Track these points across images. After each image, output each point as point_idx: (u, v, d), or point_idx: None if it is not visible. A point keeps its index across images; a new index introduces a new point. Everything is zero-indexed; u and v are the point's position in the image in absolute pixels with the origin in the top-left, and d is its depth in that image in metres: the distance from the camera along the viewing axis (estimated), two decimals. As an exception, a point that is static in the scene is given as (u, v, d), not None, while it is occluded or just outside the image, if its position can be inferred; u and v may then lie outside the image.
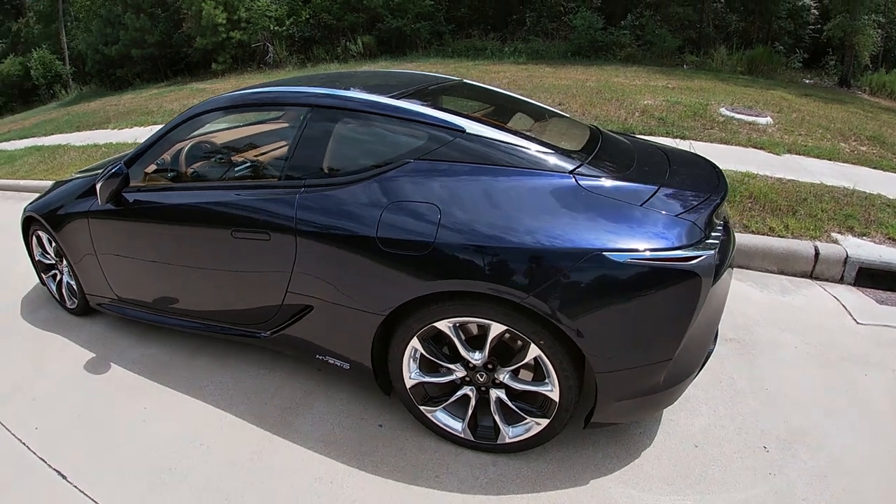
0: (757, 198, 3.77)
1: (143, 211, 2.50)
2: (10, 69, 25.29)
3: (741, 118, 5.90)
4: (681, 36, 12.04)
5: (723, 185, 1.97)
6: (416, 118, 1.93)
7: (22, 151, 9.52)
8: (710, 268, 1.58)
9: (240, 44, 15.08)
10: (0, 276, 4.18)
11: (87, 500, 1.96)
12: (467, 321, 1.78)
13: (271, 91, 2.36)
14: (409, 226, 1.77)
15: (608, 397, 1.70)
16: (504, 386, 1.84)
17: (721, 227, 1.85)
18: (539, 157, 1.80)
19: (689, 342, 1.65)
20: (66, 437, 2.30)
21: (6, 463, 2.19)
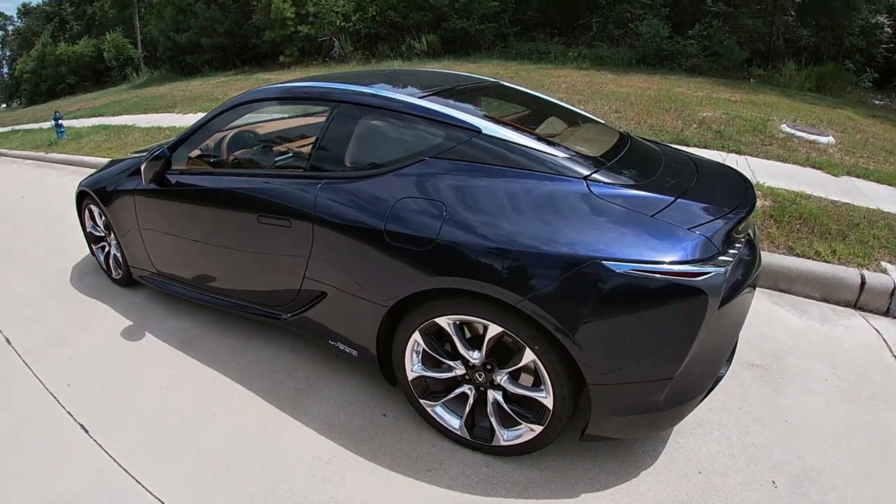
0: (807, 219, 3.56)
1: (182, 192, 2.66)
2: (83, 50, 27.21)
3: (802, 136, 5.57)
4: (749, 48, 11.51)
5: (749, 200, 1.88)
6: (433, 117, 1.96)
7: (89, 129, 10.25)
8: (717, 286, 1.50)
9: (307, 37, 15.58)
10: (57, 244, 4.57)
11: (102, 454, 2.13)
12: (466, 319, 1.79)
13: (302, 86, 2.44)
14: (414, 221, 1.80)
15: (602, 411, 1.66)
16: (501, 388, 1.83)
17: (743, 245, 1.77)
18: (554, 161, 1.77)
19: (693, 362, 1.59)
20: (94, 396, 2.50)
21: (37, 414, 2.40)
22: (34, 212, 5.82)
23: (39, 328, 3.17)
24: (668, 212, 1.64)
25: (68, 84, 27.81)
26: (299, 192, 2.13)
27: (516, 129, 1.89)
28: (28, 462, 2.11)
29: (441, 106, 1.99)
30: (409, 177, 1.89)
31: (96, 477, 2.01)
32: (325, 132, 2.18)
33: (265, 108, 2.66)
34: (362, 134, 2.13)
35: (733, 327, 1.80)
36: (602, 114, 6.65)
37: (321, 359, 2.62)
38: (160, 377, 2.59)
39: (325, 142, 2.18)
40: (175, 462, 2.05)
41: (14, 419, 2.38)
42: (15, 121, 18.24)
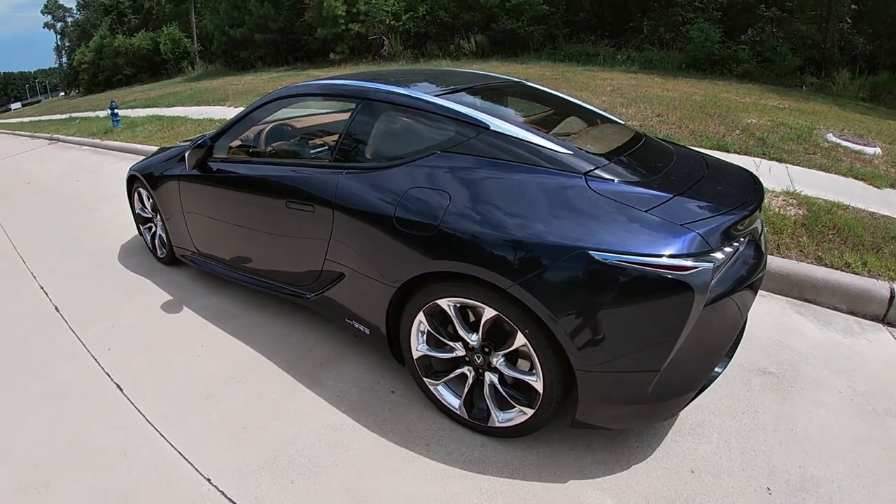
0: (840, 230, 3.45)
1: (221, 178, 2.88)
2: (140, 43, 28.57)
3: (847, 146, 5.34)
4: (802, 55, 11.04)
5: (752, 201, 1.88)
6: (446, 114, 2.08)
7: (144, 119, 10.86)
8: (703, 282, 1.53)
9: (357, 35, 15.96)
10: (108, 225, 4.96)
11: (133, 410, 2.36)
12: (465, 302, 1.88)
13: (331, 83, 2.62)
14: (420, 209, 1.92)
15: (589, 398, 1.71)
16: (497, 371, 1.91)
17: (743, 244, 1.78)
18: (557, 157, 1.85)
19: (682, 357, 1.62)
20: (131, 360, 2.75)
21: (78, 373, 2.67)
22: (88, 194, 6.28)
23: (87, 299, 3.48)
24: (664, 208, 1.68)
25: (125, 75, 29.30)
26: (323, 181, 2.29)
27: (524, 127, 1.98)
28: (66, 414, 2.36)
29: (454, 103, 2.10)
30: (420, 168, 2.02)
31: (125, 430, 2.23)
32: (350, 126, 2.34)
33: (298, 104, 2.84)
34: (382, 128, 2.29)
35: (728, 326, 1.81)
36: (644, 117, 6.57)
37: (340, 338, 2.78)
38: (193, 347, 2.81)
39: (348, 135, 2.34)
40: (197, 421, 2.25)
41: (58, 376, 2.65)
42: (73, 109, 19.47)
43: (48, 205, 6.10)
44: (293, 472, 1.95)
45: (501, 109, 2.37)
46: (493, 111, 2.12)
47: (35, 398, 2.49)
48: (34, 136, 12.95)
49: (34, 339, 3.05)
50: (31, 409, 2.41)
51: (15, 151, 11.17)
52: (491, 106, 2.30)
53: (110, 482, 1.95)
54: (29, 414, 2.38)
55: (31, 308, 3.44)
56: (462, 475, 1.90)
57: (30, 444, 2.18)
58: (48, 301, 3.52)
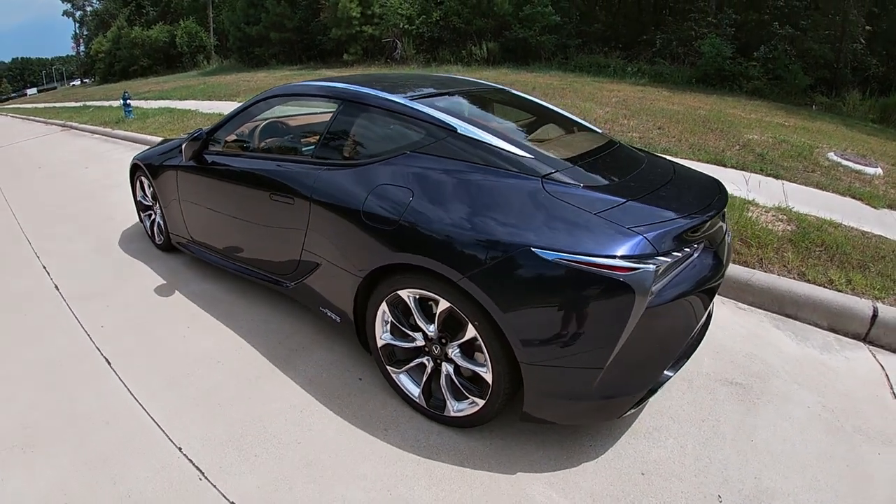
0: (829, 247, 3.45)
1: (214, 170, 2.99)
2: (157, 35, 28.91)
3: (848, 165, 5.33)
4: (814, 75, 10.98)
5: (711, 208, 1.92)
6: (418, 116, 2.18)
7: (155, 111, 11.05)
8: (644, 284, 1.57)
9: (371, 38, 16.12)
10: (112, 211, 5.10)
11: (119, 382, 2.48)
12: (423, 294, 1.95)
13: (315, 85, 2.73)
14: (385, 204, 2.02)
15: (534, 391, 1.76)
16: (453, 361, 1.98)
17: (698, 250, 1.81)
18: (518, 160, 1.92)
19: (628, 358, 1.66)
20: (122, 338, 2.87)
21: (70, 348, 2.80)
22: (95, 181, 6.44)
23: (85, 280, 3.61)
24: (614, 211, 1.73)
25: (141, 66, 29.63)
26: (303, 176, 2.41)
27: (489, 131, 2.06)
28: (57, 383, 2.49)
29: (426, 107, 2.20)
30: (389, 167, 2.12)
31: (109, 400, 2.36)
32: (330, 126, 2.46)
33: (293, 103, 2.97)
34: (359, 129, 2.41)
35: (679, 330, 1.84)
36: (645, 129, 6.60)
37: (317, 325, 2.87)
38: (180, 328, 2.93)
39: (328, 134, 2.46)
40: (175, 395, 2.37)
41: (52, 349, 2.78)
42: (87, 97, 19.81)
43: (57, 189, 6.27)
44: (258, 447, 2.05)
45: (472, 114, 2.45)
46: (463, 115, 2.21)
47: (30, 368, 2.63)
48: (48, 122, 13.24)
49: (33, 314, 3.17)
50: (26, 377, 2.55)
51: (28, 136, 11.44)
52: (463, 110, 2.40)
53: (91, 446, 2.08)
54: (23, 382, 2.51)
55: (33, 286, 3.57)
56: (415, 460, 1.97)
57: (22, 409, 2.32)
58: (49, 279, 3.64)
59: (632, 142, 5.93)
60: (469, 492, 1.83)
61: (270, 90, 2.92)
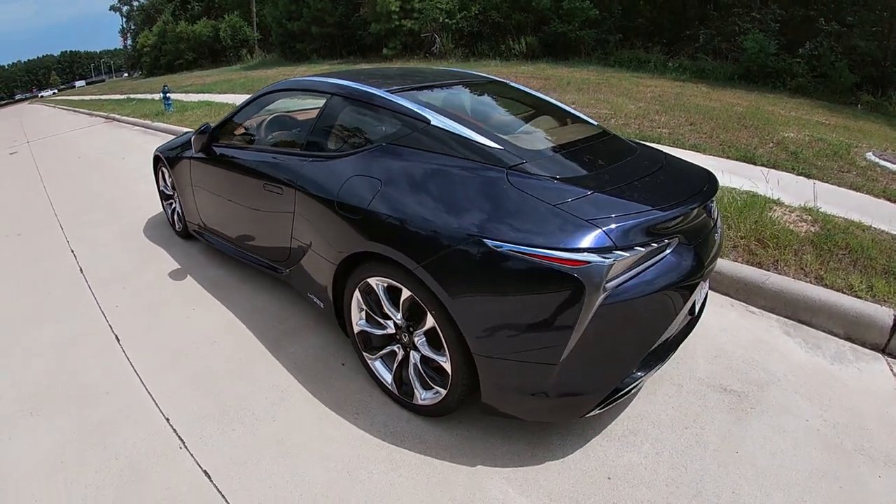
0: (853, 251, 3.23)
1: (220, 161, 3.12)
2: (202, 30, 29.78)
3: (886, 166, 4.99)
4: (860, 72, 10.35)
5: (690, 202, 1.84)
6: (395, 108, 2.20)
7: (195, 104, 11.48)
8: (596, 277, 1.51)
9: (410, 32, 16.20)
10: (141, 200, 5.38)
11: (124, 358, 2.68)
12: (389, 282, 1.96)
13: (306, 80, 2.80)
14: (355, 194, 2.06)
15: (489, 383, 1.74)
16: (419, 350, 1.98)
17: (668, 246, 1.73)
18: (487, 151, 1.90)
19: (586, 354, 1.61)
20: (133, 316, 3.08)
21: (84, 324, 3.03)
22: (130, 171, 6.78)
23: (108, 263, 3.86)
24: (577, 203, 1.67)
25: (186, 60, 30.64)
26: (291, 167, 2.48)
27: (462, 122, 2.05)
28: (69, 356, 2.73)
29: (404, 99, 2.21)
30: (364, 158, 2.15)
31: (112, 373, 2.55)
32: (318, 119, 2.52)
33: (290, 97, 3.09)
34: (342, 121, 2.46)
35: (648, 328, 1.75)
36: (675, 125, 6.39)
37: (309, 311, 2.97)
38: (186, 310, 3.09)
39: (317, 127, 2.52)
40: (175, 373, 2.52)
41: (69, 326, 3.02)
42: (132, 90, 20.70)
43: (92, 178, 6.63)
44: (236, 423, 2.16)
45: (453, 106, 2.44)
46: (440, 108, 2.19)
47: (47, 342, 2.86)
48: (92, 114, 13.96)
49: (56, 294, 3.42)
50: (42, 350, 2.79)
51: (73, 127, 12.11)
52: (442, 103, 2.39)
53: (90, 414, 2.26)
54: (39, 354, 2.76)
55: (60, 268, 3.83)
56: (379, 444, 2.01)
57: (34, 378, 2.55)
58: (75, 262, 3.89)
59: (660, 137, 5.75)
60: (426, 480, 1.84)
61: (269, 86, 3.04)
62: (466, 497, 1.78)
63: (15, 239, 4.59)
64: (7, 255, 4.24)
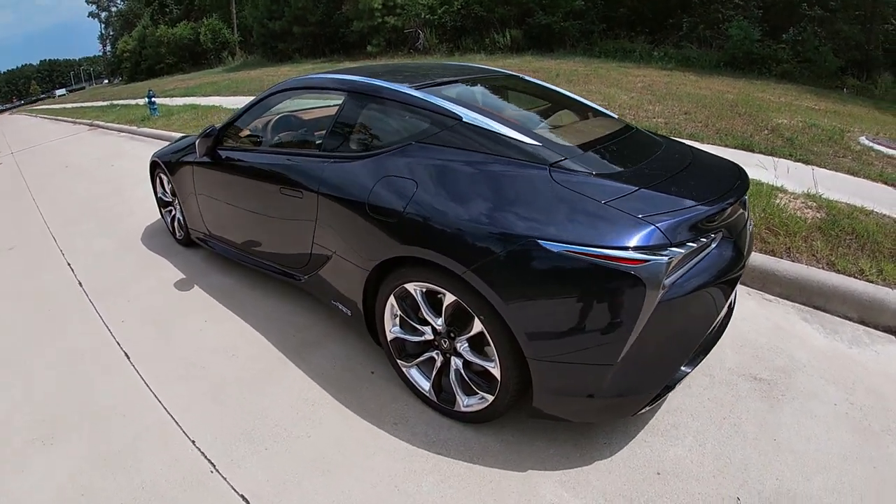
0: (860, 236, 3.28)
1: (227, 165, 3.01)
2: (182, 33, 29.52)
3: (881, 150, 5.08)
4: (844, 57, 10.52)
5: (730, 196, 1.82)
6: (423, 106, 2.12)
7: (180, 108, 11.24)
8: (655, 276, 1.49)
9: (393, 29, 16.07)
10: (135, 207, 5.23)
11: (136, 376, 2.54)
12: (429, 287, 1.91)
13: (321, 77, 2.70)
14: (389, 196, 1.98)
15: (543, 387, 1.71)
16: (462, 356, 1.93)
17: (715, 240, 1.72)
18: (525, 149, 1.85)
19: (642, 353, 1.59)
20: (140, 331, 2.94)
21: (90, 342, 2.88)
22: (120, 178, 6.61)
23: (107, 274, 3.71)
24: (625, 200, 1.64)
25: (167, 64, 30.29)
26: (311, 169, 2.39)
27: (496, 119, 1.99)
28: (77, 377, 2.56)
29: (431, 96, 2.14)
30: (394, 158, 2.08)
31: (126, 393, 2.42)
32: (337, 118, 2.44)
33: (298, 96, 2.96)
34: (364, 120, 2.37)
35: (696, 323, 1.76)
36: (671, 115, 6.42)
37: (330, 319, 2.87)
38: (196, 322, 2.97)
39: (335, 126, 2.43)
40: (190, 388, 2.41)
41: (73, 343, 2.86)
42: (114, 96, 20.31)
43: (82, 187, 6.45)
44: (268, 440, 2.06)
45: (481, 102, 2.38)
46: (469, 103, 2.13)
47: (51, 361, 2.71)
48: (76, 121, 13.64)
49: (56, 309, 3.28)
50: (47, 370, 2.63)
51: (57, 136, 11.80)
52: (470, 98, 2.33)
53: (107, 439, 2.12)
54: (44, 375, 2.60)
55: (57, 281, 3.68)
56: (424, 455, 1.94)
57: (42, 401, 2.40)
58: (73, 275, 3.76)
59: (657, 128, 5.76)
60: (478, 489, 1.79)
61: (278, 85, 2.91)
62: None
63: (7, 253, 4.44)
64: (0, 270, 4.10)
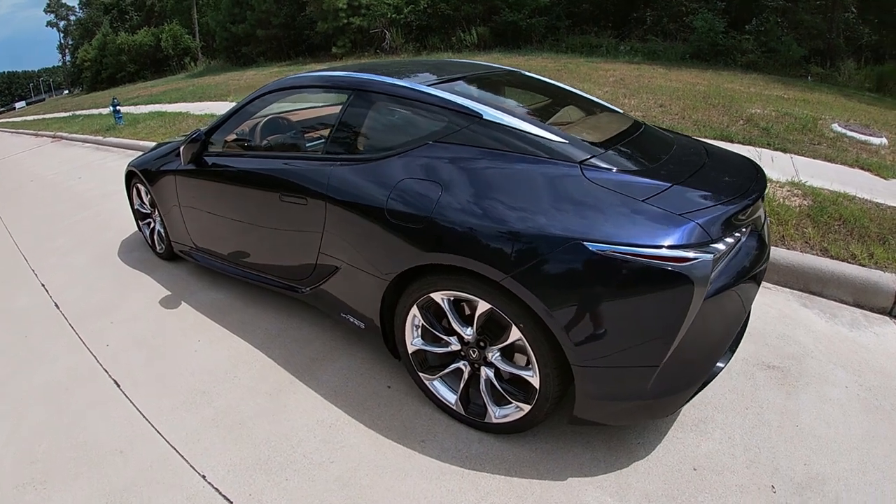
0: (846, 221, 3.39)
1: (216, 172, 2.85)
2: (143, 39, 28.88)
3: (853, 136, 5.27)
4: (807, 45, 10.94)
5: (754, 190, 1.82)
6: (439, 103, 2.03)
7: (146, 116, 10.85)
8: (703, 274, 1.47)
9: (359, 29, 15.86)
10: (109, 220, 4.96)
11: (130, 406, 2.34)
12: (459, 296, 1.83)
13: (322, 75, 2.56)
14: (412, 200, 1.88)
15: (587, 394, 1.66)
16: (493, 365, 1.87)
17: (745, 235, 1.72)
18: (552, 146, 1.79)
19: (683, 352, 1.57)
20: (129, 356, 2.74)
21: (76, 370, 2.67)
22: (89, 191, 6.28)
23: (86, 295, 3.47)
24: (662, 197, 1.62)
25: (128, 72, 29.51)
26: (315, 173, 2.25)
27: (518, 116, 1.92)
28: (64, 410, 2.36)
29: (446, 93, 2.05)
30: (411, 159, 1.97)
31: (122, 426, 2.22)
32: (342, 118, 2.30)
33: (295, 96, 2.79)
34: (374, 119, 2.25)
35: (730, 319, 1.75)
36: (646, 108, 6.50)
37: (336, 331, 2.75)
38: (190, 342, 2.80)
39: (340, 127, 2.30)
40: (192, 417, 2.23)
41: (57, 373, 2.64)
42: (76, 106, 19.54)
43: (50, 201, 6.11)
44: (288, 470, 1.92)
45: (496, 98, 2.32)
46: (487, 100, 2.06)
47: (34, 394, 2.49)
48: (38, 134, 13.01)
49: (34, 335, 3.05)
50: (31, 405, 2.41)
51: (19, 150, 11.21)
52: (485, 95, 2.25)
53: (107, 479, 1.94)
54: (28, 410, 2.38)
55: (32, 304, 3.44)
56: (458, 472, 1.86)
57: (29, 439, 2.19)
58: (48, 297, 3.52)
59: (634, 122, 5.83)
60: (521, 503, 1.74)
61: (273, 83, 2.75)
62: (567, 513, 1.71)
63: (-29, 278, 4.15)
64: (-34, 296, 3.82)
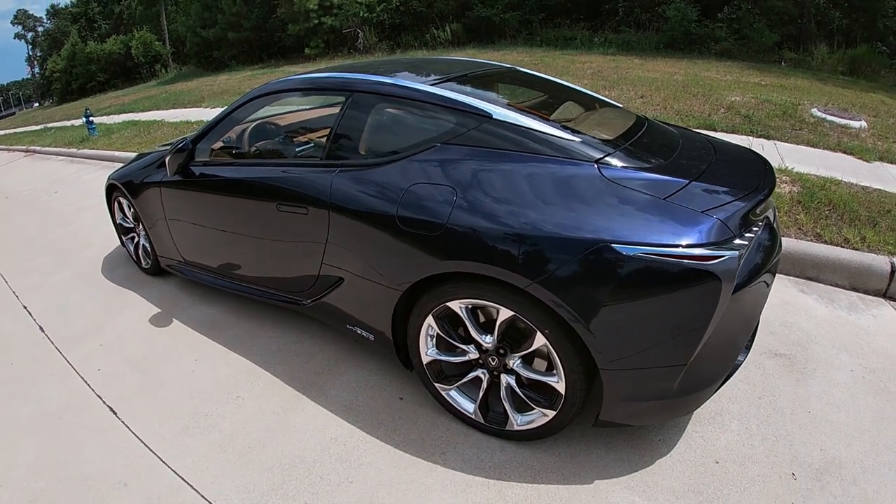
0: (836, 206, 3.44)
1: (205, 183, 2.73)
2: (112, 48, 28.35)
3: (833, 120, 5.39)
4: (780, 31, 11.16)
5: (767, 183, 1.82)
6: (445, 104, 1.96)
7: (119, 125, 10.53)
8: (731, 270, 1.46)
9: (331, 29, 15.67)
10: (90, 236, 4.77)
11: (129, 434, 2.23)
12: (478, 303, 1.79)
13: (318, 77, 2.46)
14: (425, 207, 1.81)
15: (614, 396, 1.64)
16: (514, 372, 1.83)
17: (761, 229, 1.72)
18: (565, 145, 1.75)
19: (708, 349, 1.56)
20: (123, 379, 2.61)
21: (68, 398, 2.52)
22: (67, 205, 6.04)
23: (72, 317, 3.32)
24: (682, 194, 1.60)
25: (98, 81, 28.85)
26: (316, 181, 2.16)
27: (528, 114, 1.87)
28: (60, 442, 2.23)
29: (452, 92, 1.99)
30: (420, 163, 1.90)
31: (122, 455, 2.11)
32: (340, 121, 2.21)
33: (283, 100, 2.70)
34: (376, 122, 2.16)
35: (751, 313, 1.76)
36: (627, 99, 6.53)
37: (340, 343, 2.67)
38: (186, 362, 2.69)
39: (340, 131, 2.21)
40: (198, 441, 2.13)
41: (48, 403, 2.50)
42: (47, 118, 18.94)
43: (27, 218, 5.87)
44: (305, 493, 1.84)
45: (501, 97, 2.26)
46: (493, 99, 2.02)
47: (26, 426, 2.36)
48: (10, 148, 12.53)
49: (20, 363, 2.89)
50: (23, 438, 2.28)
51: (-10, 166, 10.77)
52: (489, 94, 2.20)
53: None
54: (21, 444, 2.24)
55: (15, 329, 3.27)
56: (484, 483, 1.82)
57: (24, 476, 2.06)
58: (32, 321, 3.35)
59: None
60: (550, 510, 1.72)
61: (259, 88, 2.65)
62: (597, 516, 1.69)
63: (-53, 305, 3.95)
64: (-58, 325, 3.63)
